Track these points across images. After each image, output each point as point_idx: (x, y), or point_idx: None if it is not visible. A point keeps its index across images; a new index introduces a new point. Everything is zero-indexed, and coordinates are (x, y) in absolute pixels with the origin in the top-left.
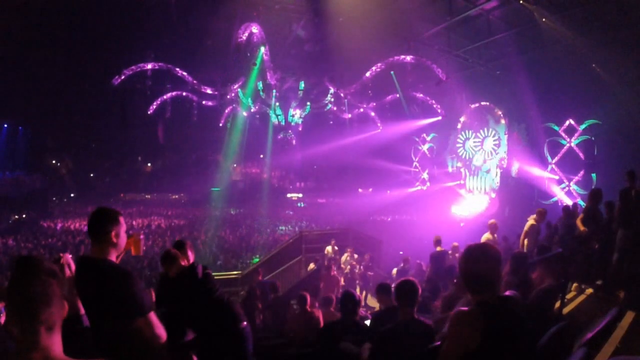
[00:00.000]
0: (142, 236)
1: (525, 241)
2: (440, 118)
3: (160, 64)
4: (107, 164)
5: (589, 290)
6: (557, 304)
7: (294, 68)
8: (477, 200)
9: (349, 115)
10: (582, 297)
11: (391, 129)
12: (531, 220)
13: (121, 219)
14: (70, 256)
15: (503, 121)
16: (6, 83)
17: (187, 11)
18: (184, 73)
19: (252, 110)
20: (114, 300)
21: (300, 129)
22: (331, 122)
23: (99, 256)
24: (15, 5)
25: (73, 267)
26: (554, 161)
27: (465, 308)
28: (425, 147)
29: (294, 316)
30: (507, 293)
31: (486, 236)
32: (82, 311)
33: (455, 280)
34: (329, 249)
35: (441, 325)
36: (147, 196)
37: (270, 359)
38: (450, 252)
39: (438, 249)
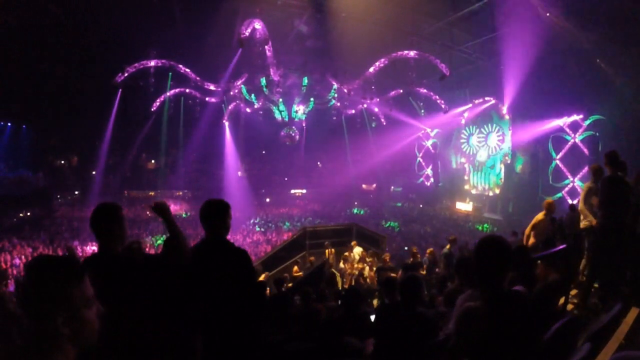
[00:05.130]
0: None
1: None
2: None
3: (162, 61)
4: (111, 161)
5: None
6: (562, 300)
7: (297, 64)
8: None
9: (353, 111)
10: None
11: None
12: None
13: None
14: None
15: (507, 117)
16: (9, 82)
17: (190, 8)
18: (187, 70)
19: (255, 106)
20: None
21: (304, 124)
22: (334, 118)
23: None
24: (17, 4)
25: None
26: (558, 157)
27: (473, 304)
28: (429, 143)
29: (298, 311)
30: (516, 288)
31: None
32: None
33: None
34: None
35: (445, 320)
36: (151, 193)
37: (273, 354)
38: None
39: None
